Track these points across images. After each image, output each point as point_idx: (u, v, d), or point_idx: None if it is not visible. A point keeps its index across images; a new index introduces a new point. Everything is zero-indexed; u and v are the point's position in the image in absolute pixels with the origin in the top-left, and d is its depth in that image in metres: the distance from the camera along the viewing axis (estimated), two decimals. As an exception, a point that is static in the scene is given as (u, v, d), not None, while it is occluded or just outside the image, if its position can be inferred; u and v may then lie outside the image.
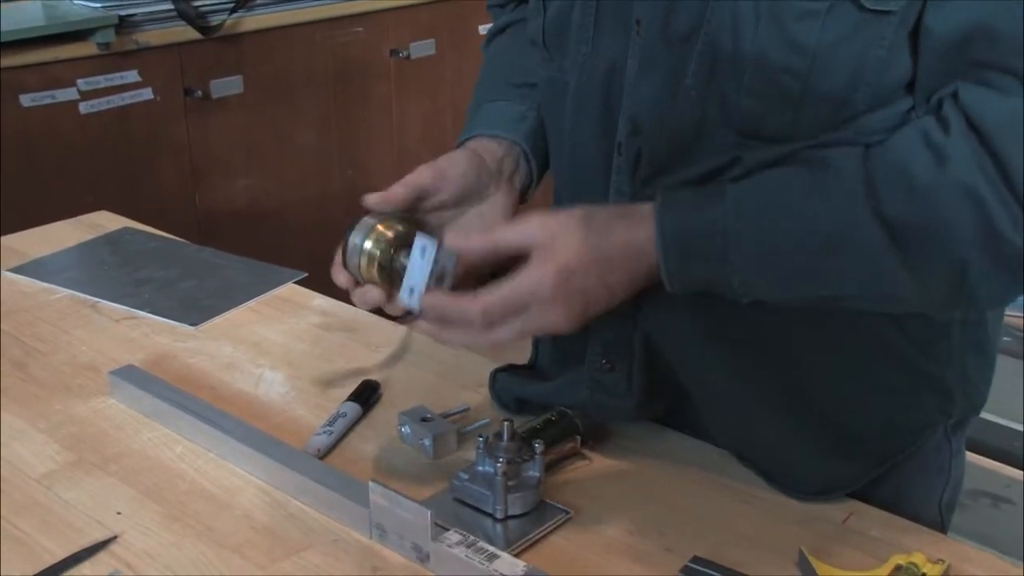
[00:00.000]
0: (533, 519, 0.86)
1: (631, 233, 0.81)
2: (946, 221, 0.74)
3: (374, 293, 0.85)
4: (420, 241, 0.82)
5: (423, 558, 0.81)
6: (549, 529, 0.85)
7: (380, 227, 0.86)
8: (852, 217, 0.76)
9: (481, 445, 0.87)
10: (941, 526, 0.95)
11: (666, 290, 0.81)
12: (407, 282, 0.82)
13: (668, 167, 0.85)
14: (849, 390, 0.88)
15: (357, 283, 0.86)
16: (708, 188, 0.81)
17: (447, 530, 0.81)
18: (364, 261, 0.85)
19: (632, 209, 0.83)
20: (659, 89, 0.83)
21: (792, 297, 0.81)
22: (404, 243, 0.85)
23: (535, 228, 0.81)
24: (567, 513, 0.87)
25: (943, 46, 0.75)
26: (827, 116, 0.79)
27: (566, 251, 0.80)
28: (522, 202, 0.98)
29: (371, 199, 0.88)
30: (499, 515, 0.85)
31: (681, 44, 0.81)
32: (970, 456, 1.01)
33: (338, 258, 0.87)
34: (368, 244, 0.85)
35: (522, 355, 1.09)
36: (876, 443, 0.90)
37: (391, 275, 0.85)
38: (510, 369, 1.04)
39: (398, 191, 0.89)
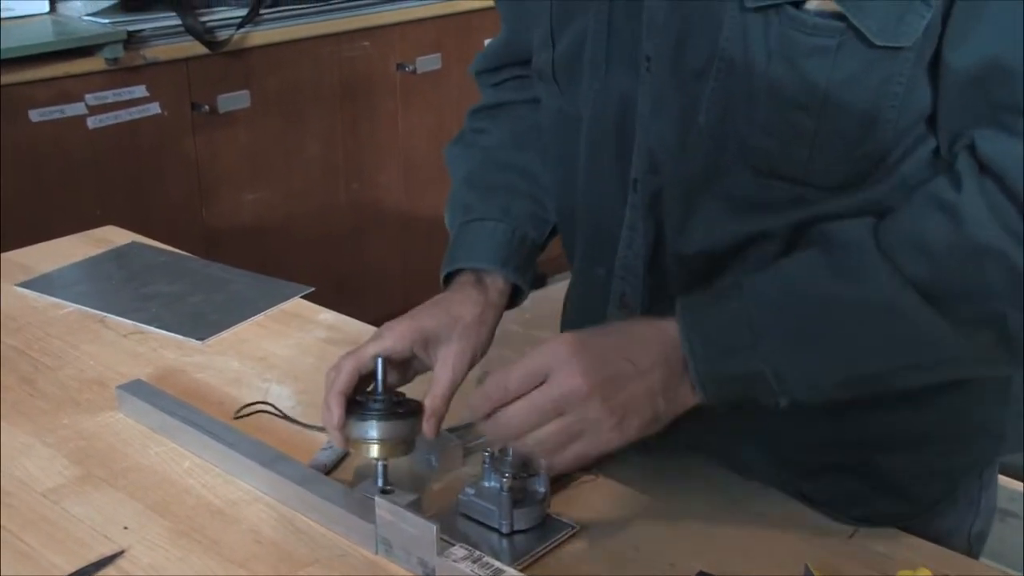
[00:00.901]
0: (539, 534, 0.86)
1: (654, 323, 0.80)
2: (973, 282, 0.73)
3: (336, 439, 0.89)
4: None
5: (429, 573, 0.81)
6: (555, 544, 0.85)
7: (386, 445, 0.88)
8: (882, 287, 0.74)
9: (487, 460, 0.88)
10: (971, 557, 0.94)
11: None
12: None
13: (689, 208, 0.84)
14: (901, 444, 0.87)
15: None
16: (721, 286, 0.80)
17: (453, 545, 0.81)
18: (354, 447, 0.90)
19: (648, 318, 0.82)
20: (673, 127, 0.83)
21: (831, 383, 0.78)
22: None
23: (547, 349, 0.79)
24: (572, 528, 0.87)
25: (961, 82, 0.74)
26: (844, 155, 0.77)
27: (576, 339, 0.79)
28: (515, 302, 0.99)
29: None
30: (505, 530, 0.85)
31: (693, 82, 0.81)
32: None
33: (340, 386, 0.89)
34: (369, 448, 0.89)
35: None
36: (923, 487, 0.90)
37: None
38: None
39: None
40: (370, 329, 1.23)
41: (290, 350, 1.19)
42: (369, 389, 0.91)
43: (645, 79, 0.84)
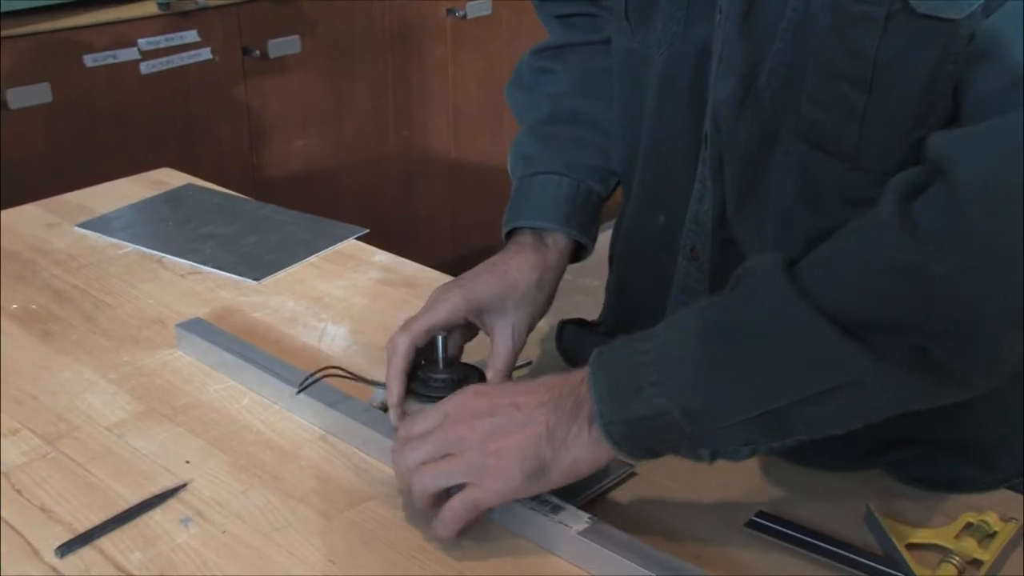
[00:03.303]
0: (597, 473, 0.85)
1: (564, 372, 0.78)
2: (878, 305, 0.66)
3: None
4: None
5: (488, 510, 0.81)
6: (613, 483, 0.85)
7: None
8: (776, 307, 0.68)
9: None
10: None
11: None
12: None
13: (744, 175, 0.81)
14: (980, 412, 0.82)
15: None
16: (642, 331, 0.75)
17: (511, 482, 0.81)
18: None
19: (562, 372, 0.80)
20: (735, 87, 0.80)
21: (740, 420, 0.69)
22: None
23: (452, 398, 0.81)
24: (631, 467, 0.87)
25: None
26: (898, 136, 0.72)
27: (476, 390, 0.81)
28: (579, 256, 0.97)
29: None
30: (563, 468, 0.85)
31: (759, 41, 0.77)
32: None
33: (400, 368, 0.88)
34: None
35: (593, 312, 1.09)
36: (1003, 457, 0.86)
37: None
38: (579, 323, 1.04)
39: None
40: (423, 270, 1.23)
41: (345, 290, 1.20)
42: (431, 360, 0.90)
43: (718, 33, 0.81)
